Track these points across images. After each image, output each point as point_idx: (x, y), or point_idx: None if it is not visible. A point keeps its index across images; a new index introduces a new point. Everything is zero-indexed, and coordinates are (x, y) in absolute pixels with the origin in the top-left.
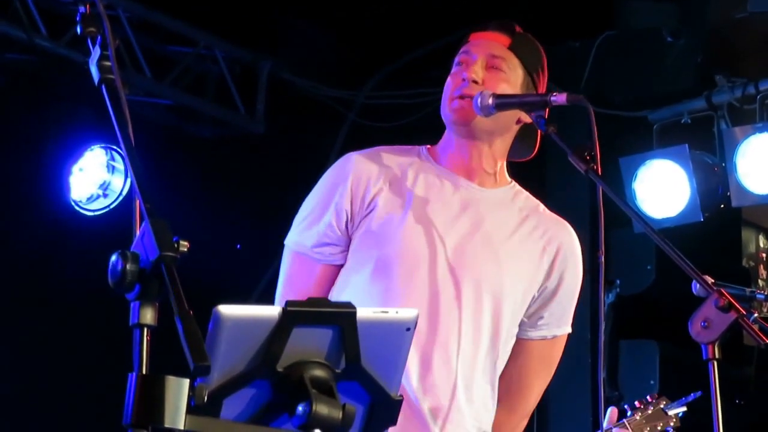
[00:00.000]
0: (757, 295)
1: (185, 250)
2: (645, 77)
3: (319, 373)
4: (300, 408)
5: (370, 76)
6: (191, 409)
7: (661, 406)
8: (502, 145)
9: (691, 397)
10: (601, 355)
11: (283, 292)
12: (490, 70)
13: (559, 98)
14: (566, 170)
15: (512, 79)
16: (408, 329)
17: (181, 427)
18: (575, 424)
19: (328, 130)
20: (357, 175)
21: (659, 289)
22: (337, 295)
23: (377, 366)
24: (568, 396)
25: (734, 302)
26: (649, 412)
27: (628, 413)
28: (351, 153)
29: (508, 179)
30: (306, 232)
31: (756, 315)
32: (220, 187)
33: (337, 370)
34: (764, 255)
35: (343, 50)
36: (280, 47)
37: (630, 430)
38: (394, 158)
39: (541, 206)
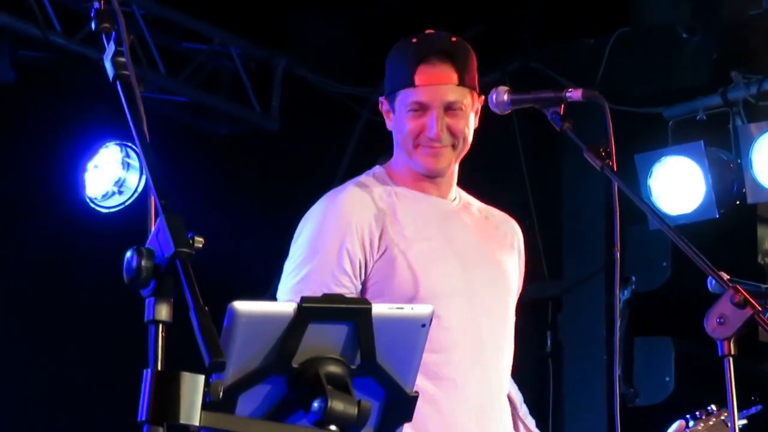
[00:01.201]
0: None
1: (200, 246)
2: (660, 74)
3: (334, 369)
4: (315, 404)
5: (383, 74)
6: (206, 406)
7: (723, 417)
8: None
9: (753, 410)
10: (617, 352)
11: None
12: (448, 114)
13: (575, 95)
14: (582, 167)
15: (467, 111)
16: (423, 325)
17: (197, 424)
18: (591, 421)
19: (343, 127)
20: (358, 221)
21: (675, 286)
22: None
23: (392, 362)
24: (583, 393)
25: (750, 298)
26: (711, 423)
27: (691, 423)
28: (335, 197)
29: None
30: (319, 282)
31: None
32: (234, 184)
33: (353, 367)
34: None
35: (358, 47)
36: (294, 44)
37: None
38: (372, 192)
39: (479, 202)
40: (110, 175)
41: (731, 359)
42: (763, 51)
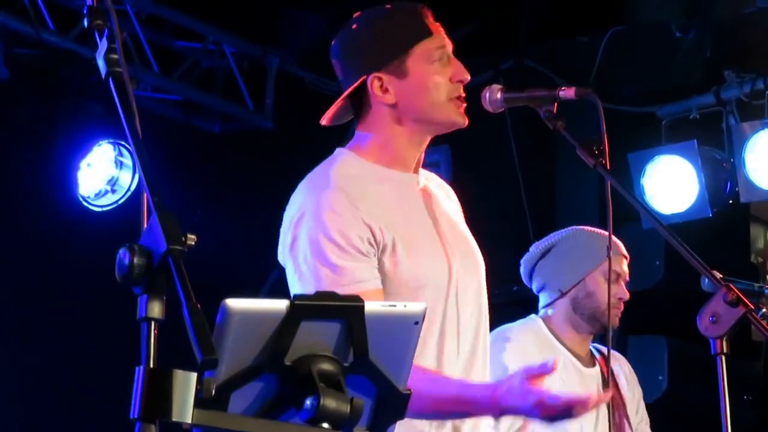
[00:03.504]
0: (766, 291)
1: (193, 243)
2: (653, 72)
3: (327, 366)
4: (308, 402)
5: None
6: (199, 403)
7: None
8: None
9: None
10: (609, 350)
11: None
12: None
13: (568, 93)
14: (575, 165)
15: None
16: (416, 323)
17: (189, 421)
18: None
19: (337, 125)
20: (356, 212)
21: (668, 285)
22: None
23: (385, 360)
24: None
25: (743, 297)
26: None
27: None
28: (326, 189)
29: None
30: (352, 267)
31: (764, 310)
32: (228, 182)
33: (345, 364)
34: None
35: None
36: (288, 42)
37: None
38: (356, 176)
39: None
40: (103, 173)
41: (724, 358)
42: (757, 50)
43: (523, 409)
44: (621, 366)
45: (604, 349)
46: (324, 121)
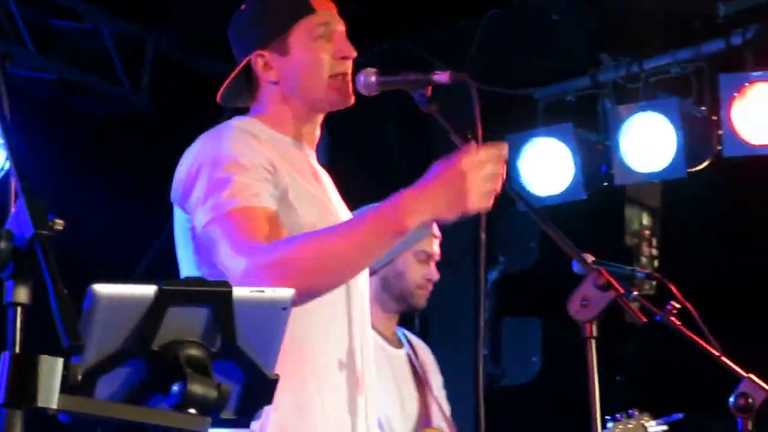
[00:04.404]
0: (637, 274)
1: (60, 228)
2: (531, 55)
3: (194, 352)
4: (175, 387)
5: None
6: (65, 389)
7: (643, 421)
8: None
9: (675, 417)
10: (482, 332)
11: (260, 240)
12: None
13: (442, 77)
14: (452, 149)
15: None
16: (284, 308)
17: (55, 407)
18: (458, 400)
19: (215, 107)
20: (258, 146)
21: (542, 267)
22: None
23: (253, 345)
24: (450, 372)
25: (613, 281)
26: (630, 426)
27: (609, 424)
28: (227, 127)
29: None
30: (251, 187)
31: (636, 293)
32: (105, 164)
33: (213, 350)
34: (647, 233)
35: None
36: (167, 22)
37: None
38: (257, 130)
39: None
40: None
41: (593, 341)
42: (633, 34)
43: (446, 196)
44: (426, 354)
45: (410, 334)
46: (219, 99)
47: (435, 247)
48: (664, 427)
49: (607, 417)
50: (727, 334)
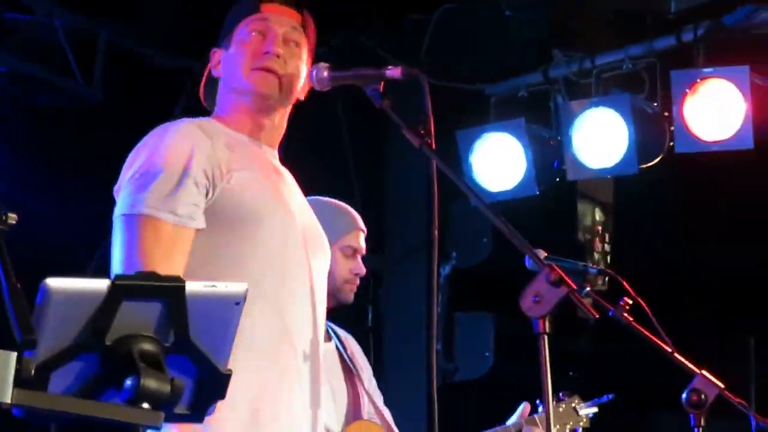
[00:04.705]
0: (590, 270)
1: (13, 222)
2: (483, 50)
3: (147, 347)
4: (128, 382)
5: (211, 45)
6: (18, 383)
7: (573, 404)
8: (287, 111)
9: (605, 398)
10: (435, 326)
11: (148, 262)
12: (287, 44)
13: (395, 72)
14: (405, 143)
15: (302, 57)
16: (237, 303)
17: (8, 401)
18: (410, 396)
19: (167, 100)
20: (205, 144)
21: (495, 262)
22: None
23: (206, 340)
24: (403, 367)
25: (565, 277)
26: (561, 409)
27: (540, 409)
28: (179, 122)
29: None
30: (170, 195)
31: (588, 289)
32: (56, 157)
33: (166, 344)
34: (599, 228)
35: (185, 18)
36: (119, 15)
37: (540, 426)
38: (212, 129)
39: None
40: None
41: (546, 337)
42: (585, 29)
43: None
44: (353, 345)
45: (335, 326)
46: (201, 98)
47: (361, 242)
48: (594, 409)
49: (537, 401)
50: (679, 330)
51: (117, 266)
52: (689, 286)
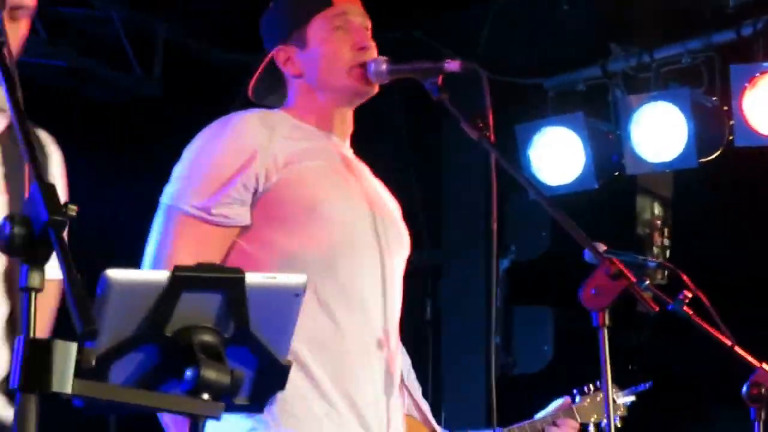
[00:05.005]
0: (649, 263)
1: (74, 214)
2: (541, 44)
3: (207, 338)
4: (188, 373)
5: None
6: (79, 374)
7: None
8: None
9: (641, 387)
10: (494, 320)
11: (175, 258)
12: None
13: (453, 66)
14: (464, 137)
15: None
16: (297, 295)
17: (69, 392)
18: (469, 389)
19: (225, 95)
20: (261, 139)
21: (554, 256)
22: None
23: (266, 331)
24: (462, 361)
25: (625, 270)
26: (598, 399)
27: (577, 399)
28: (243, 114)
29: None
30: (213, 195)
31: (648, 282)
32: (116, 150)
33: (226, 336)
34: (658, 222)
35: (242, 13)
36: (177, 10)
37: (577, 415)
38: (276, 120)
39: None
40: None
41: (605, 330)
42: (643, 23)
43: None
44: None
45: None
46: (250, 94)
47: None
48: (632, 398)
49: (574, 390)
50: (740, 324)
51: (147, 250)
52: (748, 279)
